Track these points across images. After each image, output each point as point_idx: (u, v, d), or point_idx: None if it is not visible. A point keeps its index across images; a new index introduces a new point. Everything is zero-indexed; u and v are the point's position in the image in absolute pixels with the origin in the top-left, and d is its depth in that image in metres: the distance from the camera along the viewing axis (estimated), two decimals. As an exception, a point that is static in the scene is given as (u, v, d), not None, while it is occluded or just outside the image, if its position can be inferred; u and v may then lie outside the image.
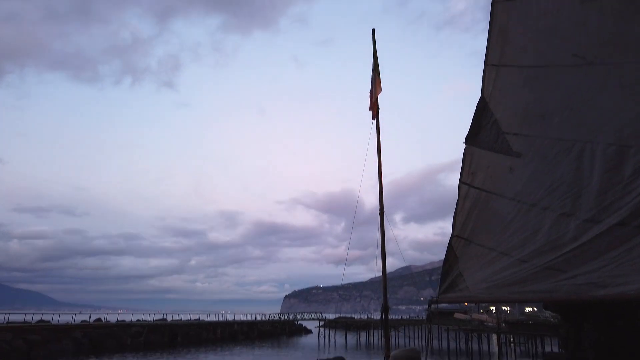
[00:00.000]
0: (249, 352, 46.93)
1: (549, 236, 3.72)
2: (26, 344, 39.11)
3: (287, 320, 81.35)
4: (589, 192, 3.51)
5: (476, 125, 4.36)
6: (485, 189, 4.29)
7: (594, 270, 3.42)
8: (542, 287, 3.80)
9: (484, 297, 4.42)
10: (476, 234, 4.40)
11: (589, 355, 5.78)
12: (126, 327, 51.63)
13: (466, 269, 4.47)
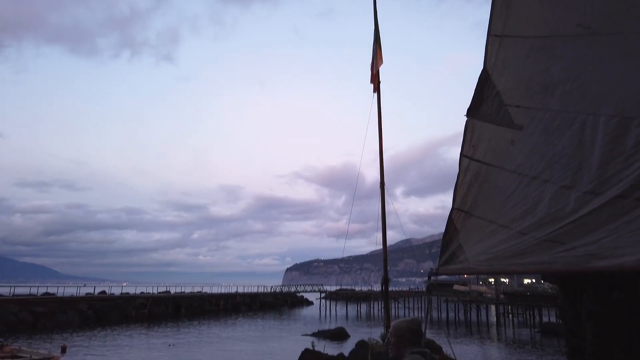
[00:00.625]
0: (251, 322, 47.82)
1: (549, 209, 3.73)
2: (32, 315, 39.89)
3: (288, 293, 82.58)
4: (590, 164, 3.50)
5: (478, 98, 4.31)
6: (486, 161, 4.28)
7: (593, 242, 3.43)
8: (541, 259, 3.83)
9: (483, 269, 4.46)
10: (476, 207, 4.41)
11: (587, 326, 5.88)
12: (130, 299, 52.51)
13: (466, 241, 4.50)
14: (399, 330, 3.21)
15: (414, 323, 3.27)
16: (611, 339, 5.53)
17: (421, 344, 3.20)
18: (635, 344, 5.35)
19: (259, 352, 25.74)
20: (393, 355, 3.21)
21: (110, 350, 26.11)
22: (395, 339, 3.21)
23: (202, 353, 25.54)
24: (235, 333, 36.71)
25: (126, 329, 37.85)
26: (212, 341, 31.02)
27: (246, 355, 24.58)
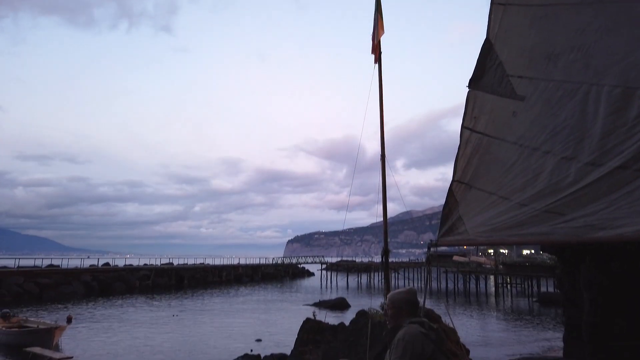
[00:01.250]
0: (253, 293, 48.55)
1: (549, 180, 3.74)
2: (38, 286, 40.49)
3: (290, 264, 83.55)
4: (591, 135, 3.48)
5: (480, 68, 4.27)
6: (487, 133, 4.26)
7: (592, 213, 3.45)
8: (540, 230, 3.86)
9: (483, 240, 4.50)
10: (477, 179, 4.42)
11: (584, 295, 5.97)
12: (134, 270, 53.18)
13: (466, 213, 4.53)
14: (396, 302, 3.24)
15: (410, 294, 3.30)
16: (609, 308, 5.62)
17: (418, 314, 3.24)
18: (633, 313, 5.44)
19: (261, 322, 26.22)
20: (391, 327, 3.26)
21: (114, 320, 26.60)
22: (392, 311, 3.24)
23: (206, 323, 26.02)
24: (238, 303, 37.31)
25: (130, 300, 38.46)
26: (215, 311, 31.56)
27: (248, 325, 25.05)
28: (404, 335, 3.01)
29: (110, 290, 45.49)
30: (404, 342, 2.96)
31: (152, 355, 16.96)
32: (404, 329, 3.06)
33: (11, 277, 40.19)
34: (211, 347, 18.46)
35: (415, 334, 2.99)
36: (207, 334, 22.03)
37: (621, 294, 5.56)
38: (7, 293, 37.28)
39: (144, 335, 21.42)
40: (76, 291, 42.52)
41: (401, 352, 2.93)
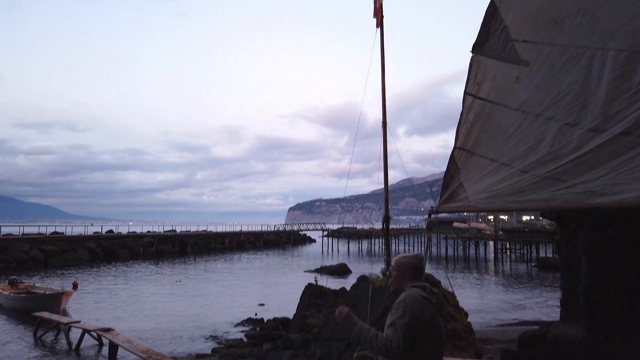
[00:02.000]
0: (256, 259, 49.25)
1: (551, 146, 3.73)
2: (43, 253, 41.08)
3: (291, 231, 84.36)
4: (595, 101, 3.46)
5: (484, 32, 4.20)
6: (490, 99, 4.23)
7: (593, 179, 3.46)
8: (540, 196, 3.88)
9: (483, 207, 4.53)
10: (478, 146, 4.41)
11: (581, 259, 6.06)
12: (137, 237, 53.80)
13: (467, 179, 4.54)
14: (402, 266, 3.30)
15: (417, 259, 3.35)
16: (606, 272, 5.71)
17: (422, 279, 3.31)
18: (629, 278, 5.54)
19: (263, 287, 26.71)
20: (394, 289, 3.33)
21: (120, 286, 27.09)
22: (397, 273, 3.31)
23: (209, 288, 26.51)
24: (241, 269, 37.90)
25: (135, 266, 39.07)
26: (218, 277, 32.10)
27: (251, 290, 25.52)
28: (405, 298, 3.08)
29: (114, 257, 46.15)
30: (405, 305, 3.03)
31: (157, 319, 17.36)
32: (406, 292, 3.13)
33: (16, 244, 40.73)
34: (215, 312, 18.87)
35: (416, 298, 3.06)
36: (211, 299, 22.48)
37: (618, 258, 5.64)
38: (13, 260, 37.85)
39: (148, 301, 21.88)
40: (81, 258, 43.16)
41: (401, 313, 3.01)
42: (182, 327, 16.00)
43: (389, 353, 2.96)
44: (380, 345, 2.97)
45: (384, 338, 2.97)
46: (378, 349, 3.00)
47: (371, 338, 3.02)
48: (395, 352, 2.93)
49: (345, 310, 3.22)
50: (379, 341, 2.99)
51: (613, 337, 5.55)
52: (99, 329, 12.88)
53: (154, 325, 16.28)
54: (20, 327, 16.11)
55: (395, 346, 2.93)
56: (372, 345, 3.03)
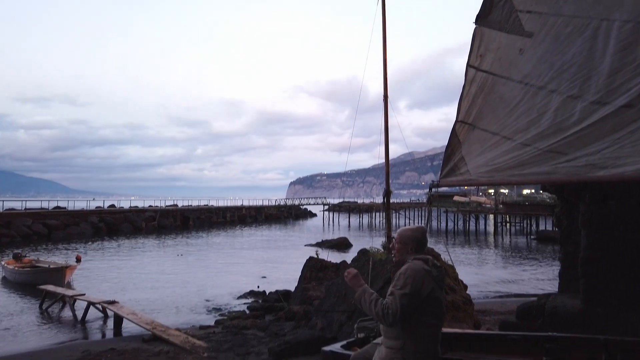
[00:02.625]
0: (257, 233, 49.64)
1: (553, 119, 3.71)
2: (46, 227, 41.40)
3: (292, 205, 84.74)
4: (599, 73, 3.42)
5: (488, 3, 4.12)
6: (492, 72, 4.19)
7: (595, 152, 3.46)
8: (542, 170, 3.88)
9: (485, 181, 4.54)
10: (480, 119, 4.39)
11: (581, 232, 6.11)
12: (139, 212, 54.14)
13: (468, 153, 4.53)
14: (404, 238, 3.33)
15: (419, 232, 3.38)
16: (605, 245, 5.76)
17: (424, 252, 3.34)
18: (628, 250, 5.58)
19: (265, 261, 27.00)
20: (396, 261, 3.36)
21: (122, 259, 27.40)
22: (399, 246, 3.34)
23: (211, 261, 26.81)
24: (242, 243, 38.24)
25: (137, 240, 39.42)
26: (220, 251, 32.41)
27: (253, 263, 25.80)
28: (406, 270, 3.11)
29: (117, 231, 46.51)
30: (405, 276, 3.07)
31: (160, 292, 17.62)
32: (408, 265, 3.16)
33: (19, 218, 41.02)
34: (217, 285, 19.13)
35: (417, 270, 3.09)
36: (213, 272, 22.76)
37: (617, 231, 5.68)
38: (16, 234, 38.17)
39: (151, 274, 22.16)
40: (84, 232, 43.53)
41: (401, 284, 3.05)
42: (185, 299, 16.25)
43: (384, 319, 3.01)
44: (378, 310, 3.02)
45: (383, 304, 3.03)
46: (375, 313, 3.05)
47: (371, 302, 3.08)
48: (390, 319, 2.98)
49: (353, 271, 3.30)
50: (377, 306, 3.04)
51: (611, 309, 5.64)
52: (103, 301, 13.08)
53: (157, 298, 16.53)
54: (26, 299, 16.37)
55: (392, 314, 2.97)
56: (370, 309, 3.08)
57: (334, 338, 8.50)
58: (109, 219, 48.20)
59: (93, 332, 12.37)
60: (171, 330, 10.86)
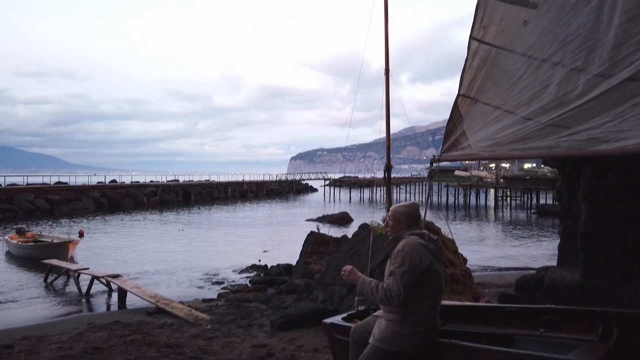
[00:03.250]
0: (258, 208, 49.89)
1: (556, 92, 3.67)
2: (48, 203, 41.61)
3: (293, 180, 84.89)
4: (604, 45, 3.36)
5: (492, -27, 4.04)
6: (496, 44, 4.13)
7: (597, 126, 3.43)
8: (543, 144, 3.86)
9: (486, 155, 4.53)
10: (483, 93, 4.35)
11: (581, 206, 6.13)
12: (141, 187, 54.33)
13: (470, 127, 4.51)
14: (397, 215, 3.35)
15: (412, 207, 3.40)
16: (605, 219, 5.78)
17: (419, 227, 3.36)
18: (628, 224, 5.61)
19: (266, 235, 27.21)
20: (392, 237, 3.39)
21: (125, 234, 27.62)
22: (393, 222, 3.37)
23: (213, 236, 27.03)
24: (244, 218, 38.47)
25: (139, 216, 39.66)
26: (221, 226, 32.63)
27: (255, 238, 26.01)
28: (403, 247, 3.14)
29: (119, 206, 46.74)
30: (403, 254, 3.10)
31: (163, 266, 17.81)
32: (404, 241, 3.19)
33: (21, 193, 41.20)
34: (219, 259, 19.33)
35: (414, 246, 3.12)
36: (215, 247, 22.97)
37: (617, 205, 5.70)
38: (19, 209, 38.40)
39: (154, 249, 22.37)
40: (87, 207, 43.77)
41: (400, 262, 3.08)
42: (188, 273, 16.44)
43: (389, 301, 3.06)
44: (381, 296, 3.07)
45: (384, 288, 3.07)
46: (379, 299, 3.10)
47: (372, 290, 3.13)
48: (395, 300, 3.03)
49: (348, 267, 3.37)
50: (379, 291, 3.09)
51: (608, 281, 5.70)
52: (107, 275, 13.25)
53: (159, 272, 16.72)
54: (30, 273, 16.59)
55: (396, 294, 3.02)
56: (374, 296, 3.15)
57: (335, 310, 8.64)
58: (110, 194, 48.38)
59: (98, 305, 12.57)
60: (174, 303, 11.04)
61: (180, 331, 8.95)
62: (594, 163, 5.91)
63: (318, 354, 6.85)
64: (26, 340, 8.56)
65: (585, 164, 6.02)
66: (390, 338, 3.10)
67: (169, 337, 8.47)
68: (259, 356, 7.03)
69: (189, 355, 7.24)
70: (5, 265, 18.62)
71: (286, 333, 8.49)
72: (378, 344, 3.14)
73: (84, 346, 7.95)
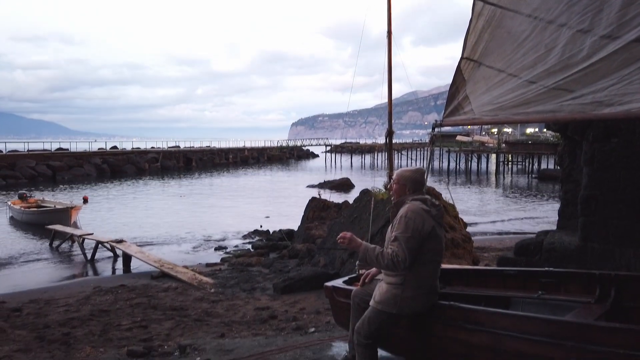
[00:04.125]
0: (260, 174, 50.01)
1: (561, 55, 3.60)
2: (50, 169, 41.70)
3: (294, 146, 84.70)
4: (611, 5, 3.27)
5: None
6: (501, 5, 4.02)
7: (602, 89, 3.38)
8: (546, 108, 3.82)
9: (488, 120, 4.49)
10: (487, 56, 4.27)
11: (583, 170, 6.13)
12: (142, 153, 54.29)
13: (473, 91, 4.45)
14: (402, 179, 3.34)
15: (418, 173, 3.38)
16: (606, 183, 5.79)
17: (423, 192, 3.36)
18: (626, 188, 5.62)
19: (268, 201, 27.36)
20: (395, 201, 3.40)
21: (127, 200, 27.80)
22: (397, 186, 3.36)
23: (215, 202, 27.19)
24: (245, 184, 38.60)
25: (141, 182, 39.81)
26: (223, 192, 32.79)
27: (256, 204, 26.17)
28: (406, 212, 3.15)
29: (120, 172, 46.85)
30: (406, 219, 3.12)
31: (166, 232, 18.00)
32: (407, 206, 3.20)
33: (23, 159, 41.25)
34: (222, 225, 19.51)
35: (416, 211, 3.13)
36: (217, 213, 23.15)
37: (619, 169, 5.69)
38: (21, 176, 38.53)
39: (157, 215, 22.56)
40: (88, 174, 43.89)
41: (403, 228, 3.10)
42: (191, 239, 16.65)
43: (395, 267, 3.08)
44: (387, 262, 3.08)
45: (390, 254, 3.08)
46: (385, 265, 3.11)
47: (377, 256, 3.13)
48: (402, 265, 3.06)
49: (347, 234, 3.27)
50: (385, 258, 3.09)
51: (607, 245, 5.76)
52: (111, 240, 13.42)
53: (162, 237, 16.93)
54: (35, 239, 16.81)
55: (402, 260, 3.04)
56: (379, 263, 3.14)
57: (336, 274, 8.79)
58: (112, 161, 48.41)
59: (103, 270, 12.79)
60: (178, 268, 11.22)
61: (185, 294, 9.14)
62: (597, 127, 5.87)
63: (320, 316, 7.00)
64: (34, 303, 8.76)
65: (588, 128, 5.98)
66: (391, 301, 3.15)
67: (173, 300, 8.66)
68: (262, 318, 7.20)
69: (193, 318, 7.42)
70: (10, 230, 18.85)
71: (288, 296, 8.66)
72: (379, 306, 3.20)
73: (90, 309, 8.14)
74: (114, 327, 6.99)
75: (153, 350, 5.07)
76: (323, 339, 4.82)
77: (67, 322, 7.30)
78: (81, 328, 6.97)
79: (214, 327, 6.80)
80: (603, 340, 2.42)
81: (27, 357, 5.56)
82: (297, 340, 4.88)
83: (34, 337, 6.54)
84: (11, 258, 13.97)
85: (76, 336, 6.53)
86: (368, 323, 3.22)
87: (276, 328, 6.53)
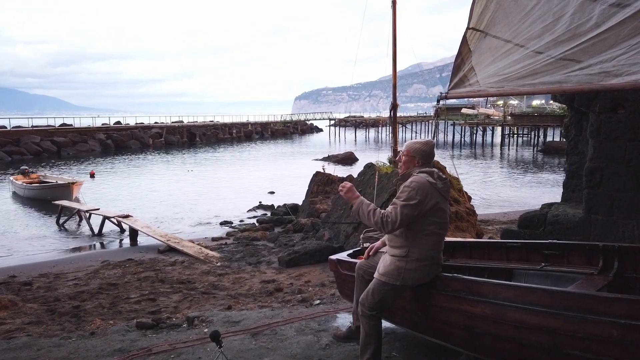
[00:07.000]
0: (264, 148, 49.97)
1: (569, 24, 3.53)
2: (55, 145, 41.81)
3: (298, 121, 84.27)
4: (622, -29, 3.19)
5: None
6: (508, -27, 3.93)
7: (609, 59, 3.32)
8: (553, 79, 3.76)
9: (494, 92, 4.42)
10: (493, 26, 4.18)
11: (589, 142, 6.07)
12: (146, 128, 54.24)
13: (479, 63, 4.38)
14: (412, 151, 3.31)
15: (427, 145, 3.35)
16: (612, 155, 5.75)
17: (431, 165, 3.34)
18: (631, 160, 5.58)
19: (272, 176, 27.40)
20: (402, 173, 3.39)
21: (133, 175, 27.92)
22: (406, 158, 3.33)
23: (220, 177, 27.27)
24: (250, 159, 38.62)
25: (146, 157, 39.89)
26: (227, 167, 32.84)
27: (261, 178, 26.22)
28: (410, 183, 3.15)
29: (125, 148, 46.94)
30: (410, 189, 3.11)
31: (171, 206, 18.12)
32: (413, 177, 3.19)
33: (27, 135, 41.31)
34: (227, 199, 19.60)
35: (422, 183, 3.13)
36: (222, 187, 23.23)
37: (625, 141, 5.64)
38: (26, 151, 38.68)
39: (162, 189, 22.67)
40: (93, 149, 43.99)
41: (405, 196, 3.09)
42: (196, 213, 16.75)
43: (383, 227, 3.09)
44: (377, 219, 3.09)
45: (382, 213, 3.09)
46: (374, 222, 3.11)
47: (369, 212, 3.13)
48: (390, 227, 3.07)
49: (347, 184, 3.27)
50: (376, 215, 3.10)
51: (611, 216, 5.76)
52: (118, 215, 13.54)
53: (168, 212, 17.04)
54: (40, 214, 16.98)
55: (391, 222, 3.05)
56: (369, 218, 3.14)
57: (340, 248, 8.86)
58: (116, 136, 48.44)
59: (110, 245, 12.94)
60: (185, 242, 11.34)
61: (192, 268, 9.26)
62: (604, 98, 5.79)
63: (325, 289, 7.10)
64: (44, 277, 8.92)
65: (595, 99, 5.90)
66: (395, 273, 3.18)
67: (180, 274, 8.79)
68: (267, 291, 7.31)
69: (200, 291, 7.54)
70: (15, 206, 19.04)
71: (294, 269, 8.77)
72: (382, 278, 3.23)
73: (99, 282, 8.28)
74: (123, 300, 7.12)
75: (162, 322, 5.17)
76: (328, 311, 4.90)
77: (76, 296, 7.45)
78: (90, 301, 7.12)
79: (221, 300, 6.91)
80: (604, 310, 2.45)
81: (38, 329, 5.69)
82: (302, 312, 4.96)
83: (45, 310, 6.68)
84: (18, 233, 14.16)
85: (86, 309, 6.67)
86: (372, 295, 3.26)
87: (282, 300, 6.64)
